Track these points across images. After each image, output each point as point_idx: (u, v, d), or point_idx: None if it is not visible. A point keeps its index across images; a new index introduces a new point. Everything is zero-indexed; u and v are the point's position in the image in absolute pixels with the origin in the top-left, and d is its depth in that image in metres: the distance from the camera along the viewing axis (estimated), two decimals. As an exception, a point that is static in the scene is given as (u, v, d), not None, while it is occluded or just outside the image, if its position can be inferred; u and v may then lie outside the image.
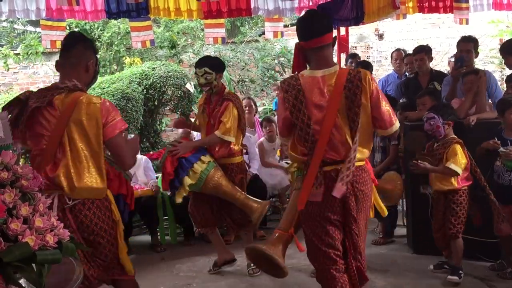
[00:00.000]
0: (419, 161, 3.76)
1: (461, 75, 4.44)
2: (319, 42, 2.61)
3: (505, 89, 4.49)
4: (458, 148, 3.72)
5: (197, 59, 4.57)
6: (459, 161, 3.69)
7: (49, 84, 2.70)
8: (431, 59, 5.27)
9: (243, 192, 4.02)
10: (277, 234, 2.91)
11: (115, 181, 3.07)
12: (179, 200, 3.90)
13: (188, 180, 3.81)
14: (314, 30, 2.61)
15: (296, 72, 2.73)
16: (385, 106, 2.64)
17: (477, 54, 4.71)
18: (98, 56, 9.11)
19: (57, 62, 2.65)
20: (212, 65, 3.94)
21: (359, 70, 2.66)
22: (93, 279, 2.59)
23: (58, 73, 2.64)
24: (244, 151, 4.37)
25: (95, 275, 2.60)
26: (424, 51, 5.17)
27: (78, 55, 2.60)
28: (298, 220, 2.90)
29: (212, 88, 3.96)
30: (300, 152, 2.68)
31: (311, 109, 2.59)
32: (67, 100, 2.49)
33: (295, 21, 10.43)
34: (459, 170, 3.69)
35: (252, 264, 4.16)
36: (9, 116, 2.46)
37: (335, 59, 5.30)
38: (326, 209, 2.62)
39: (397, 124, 2.70)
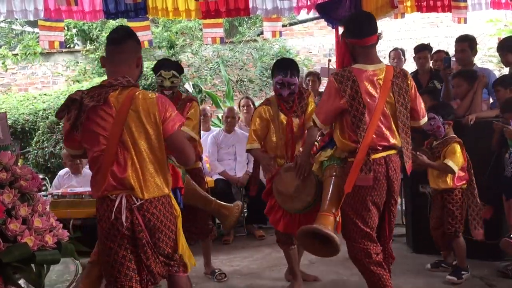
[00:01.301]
0: (418, 153, 3.76)
1: (449, 75, 4.49)
2: (371, 40, 2.91)
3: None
4: (458, 147, 3.74)
5: (196, 59, 4.53)
6: (457, 160, 3.71)
7: (49, 85, 2.66)
8: (432, 57, 5.30)
9: (214, 198, 3.91)
10: (322, 216, 2.96)
11: (173, 176, 2.95)
12: None
13: None
14: (368, 30, 2.92)
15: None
16: (420, 99, 3.03)
17: (474, 52, 4.69)
18: (97, 56, 9.01)
19: (103, 57, 2.53)
20: (178, 69, 3.85)
21: (402, 68, 3.06)
22: (158, 277, 2.53)
23: (56, 73, 2.60)
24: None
25: (160, 273, 2.54)
26: (427, 50, 5.23)
27: (130, 51, 2.50)
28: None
29: (174, 92, 3.86)
30: (349, 139, 2.90)
31: (365, 98, 2.83)
32: (122, 97, 2.39)
33: (294, 20, 10.34)
34: (456, 169, 3.71)
35: (216, 270, 4.14)
36: (69, 119, 2.39)
37: (333, 59, 5.32)
38: (374, 193, 2.87)
39: (426, 118, 3.08)
